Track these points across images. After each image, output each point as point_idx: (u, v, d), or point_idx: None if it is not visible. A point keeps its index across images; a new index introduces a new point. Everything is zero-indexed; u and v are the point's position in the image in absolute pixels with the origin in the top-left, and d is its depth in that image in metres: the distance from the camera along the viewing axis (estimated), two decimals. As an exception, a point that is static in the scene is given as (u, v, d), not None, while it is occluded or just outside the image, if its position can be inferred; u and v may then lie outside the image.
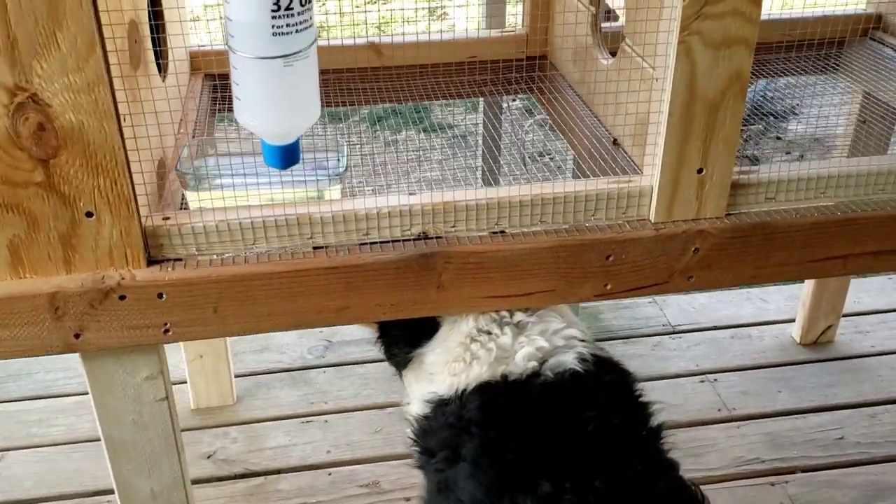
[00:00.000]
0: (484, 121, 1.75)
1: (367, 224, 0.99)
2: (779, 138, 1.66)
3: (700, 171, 1.01)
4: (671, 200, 1.03)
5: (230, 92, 0.85)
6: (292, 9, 0.77)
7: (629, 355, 2.03)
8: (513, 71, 1.48)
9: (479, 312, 1.09)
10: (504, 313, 1.11)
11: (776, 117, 1.58)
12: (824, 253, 1.08)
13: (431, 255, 1.00)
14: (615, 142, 1.22)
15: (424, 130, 1.88)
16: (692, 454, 1.71)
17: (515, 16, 1.57)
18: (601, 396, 1.03)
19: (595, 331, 2.13)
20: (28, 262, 0.93)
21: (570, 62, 1.43)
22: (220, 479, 1.69)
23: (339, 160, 1.07)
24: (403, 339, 1.15)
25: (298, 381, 1.94)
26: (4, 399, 1.88)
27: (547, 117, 1.45)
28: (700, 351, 2.02)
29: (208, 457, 1.73)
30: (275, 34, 0.78)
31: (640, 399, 1.09)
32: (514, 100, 1.63)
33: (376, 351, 1.99)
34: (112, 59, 0.86)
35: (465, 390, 1.06)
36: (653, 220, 1.04)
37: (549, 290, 1.05)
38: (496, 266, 1.02)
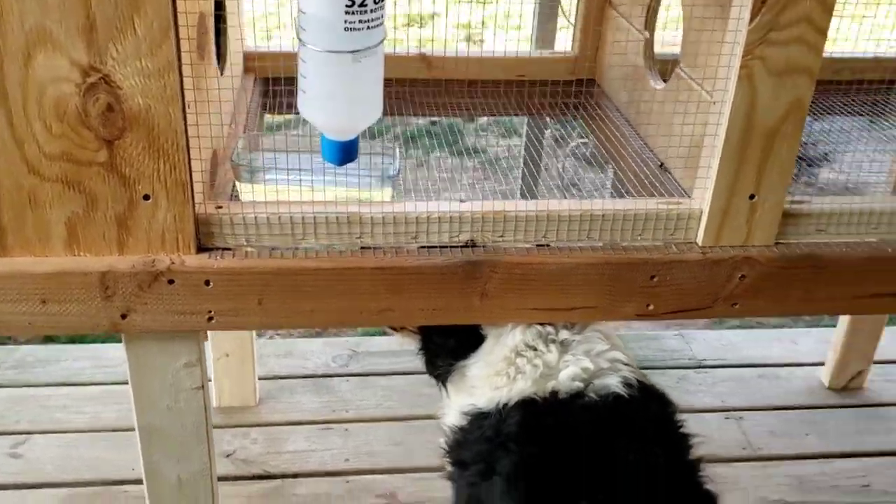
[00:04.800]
0: (526, 142, 1.76)
1: (417, 227, 1.00)
2: (810, 184, 1.63)
3: (752, 197, 1.01)
4: (720, 226, 1.03)
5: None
6: (366, 5, 0.78)
7: (654, 387, 2.02)
8: (560, 92, 1.49)
9: (522, 324, 1.09)
10: (549, 329, 1.10)
11: (809, 164, 1.55)
12: (874, 289, 1.07)
13: (478, 263, 1.00)
14: (662, 166, 1.22)
15: (454, 153, 1.88)
16: (715, 491, 1.69)
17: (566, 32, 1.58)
18: (645, 425, 1.02)
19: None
20: (83, 241, 0.95)
21: (619, 87, 1.43)
22: (238, 478, 1.69)
23: (393, 163, 1.08)
24: (447, 351, 1.15)
25: (321, 387, 1.94)
26: (33, 383, 1.89)
27: (587, 140, 1.45)
28: (726, 388, 1.99)
29: (227, 455, 1.73)
30: (346, 29, 0.79)
31: (682, 431, 1.07)
32: (556, 123, 1.63)
33: (400, 363, 2.01)
34: (183, 47, 0.88)
35: (506, 405, 1.05)
36: (700, 244, 1.04)
37: (593, 307, 1.05)
38: (541, 279, 1.02)
